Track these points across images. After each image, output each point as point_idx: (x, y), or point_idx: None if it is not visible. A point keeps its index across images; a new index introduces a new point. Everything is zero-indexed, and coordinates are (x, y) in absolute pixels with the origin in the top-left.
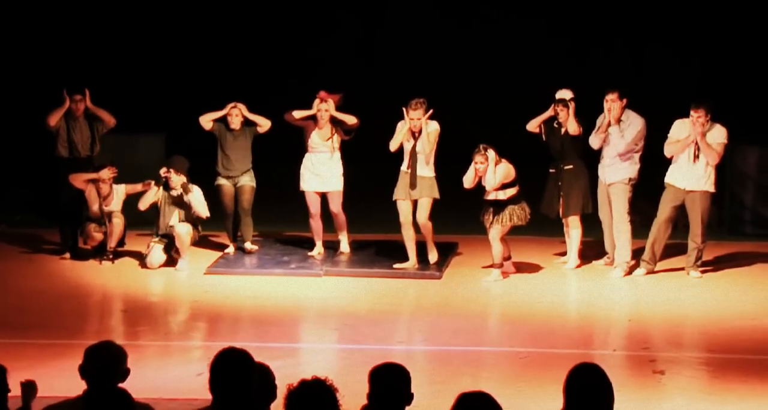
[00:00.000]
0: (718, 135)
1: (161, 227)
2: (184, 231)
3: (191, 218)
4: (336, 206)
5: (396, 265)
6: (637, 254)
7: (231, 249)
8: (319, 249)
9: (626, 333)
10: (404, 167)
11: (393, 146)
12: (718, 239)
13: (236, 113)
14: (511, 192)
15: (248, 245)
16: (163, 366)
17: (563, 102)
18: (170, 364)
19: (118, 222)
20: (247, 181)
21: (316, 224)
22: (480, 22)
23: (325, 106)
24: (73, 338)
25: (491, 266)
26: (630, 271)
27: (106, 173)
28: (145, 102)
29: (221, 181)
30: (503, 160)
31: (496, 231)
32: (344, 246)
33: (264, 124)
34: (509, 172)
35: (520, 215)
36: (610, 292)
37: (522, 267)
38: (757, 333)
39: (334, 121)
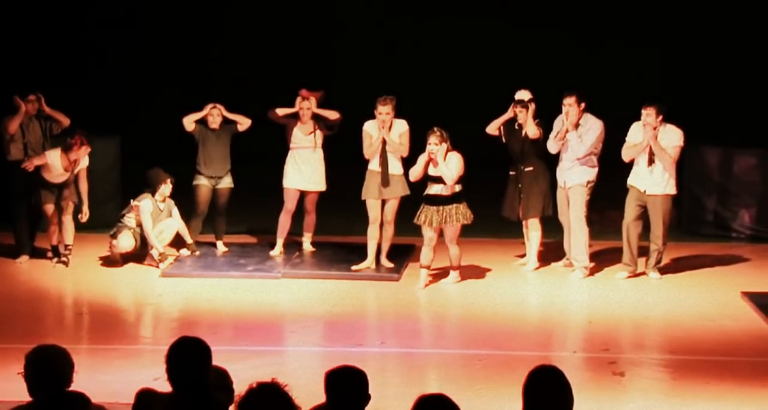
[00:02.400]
0: (675, 137)
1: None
2: (179, 227)
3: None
4: (312, 205)
5: (354, 267)
6: (596, 256)
7: (187, 251)
8: (279, 249)
9: (586, 335)
10: (374, 166)
11: (368, 154)
12: (677, 240)
13: (216, 113)
14: (458, 188)
15: (221, 245)
16: (120, 370)
17: (522, 103)
18: (127, 368)
19: (69, 219)
20: (228, 182)
21: (286, 221)
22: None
23: (307, 104)
24: (28, 342)
25: (451, 268)
26: (591, 273)
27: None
28: (100, 105)
29: (201, 180)
30: (455, 151)
31: (449, 233)
32: (307, 246)
33: (244, 122)
34: (462, 165)
35: (466, 214)
36: (569, 294)
37: (481, 269)
38: (716, 334)
39: (317, 117)
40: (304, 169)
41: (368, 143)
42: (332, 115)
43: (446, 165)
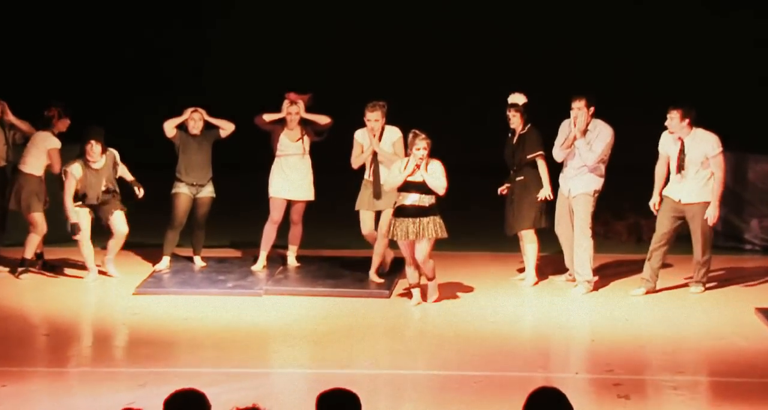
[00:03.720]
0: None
1: (90, 198)
2: (124, 232)
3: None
4: (298, 215)
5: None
6: (600, 270)
7: (165, 264)
8: (263, 263)
9: (589, 355)
10: (367, 175)
11: (355, 163)
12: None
13: (198, 117)
14: (434, 199)
15: (198, 260)
16: (90, 394)
17: (515, 106)
18: (98, 393)
19: (39, 220)
20: (209, 192)
21: (272, 232)
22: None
23: (295, 109)
24: None
25: (426, 279)
26: (595, 288)
27: None
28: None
29: (181, 188)
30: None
31: (425, 248)
32: (291, 260)
33: (227, 127)
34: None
35: (443, 226)
36: (571, 310)
37: (478, 285)
38: (728, 353)
39: (305, 122)
40: (292, 177)
41: (357, 153)
42: (322, 119)
43: (430, 174)
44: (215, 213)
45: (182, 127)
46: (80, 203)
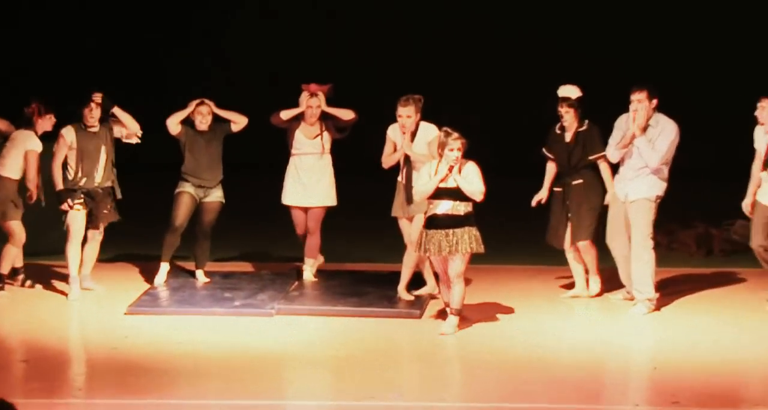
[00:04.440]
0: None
1: (87, 173)
2: (98, 239)
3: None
4: (315, 223)
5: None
6: (663, 286)
7: (163, 273)
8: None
9: (650, 384)
10: (400, 177)
11: (385, 163)
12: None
13: (205, 111)
14: (470, 207)
15: (201, 275)
16: None
17: (568, 101)
18: None
19: (17, 229)
20: (218, 196)
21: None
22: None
23: (315, 102)
24: None
25: (450, 311)
26: (657, 307)
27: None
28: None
29: (186, 187)
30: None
31: (459, 265)
32: (308, 275)
33: (240, 121)
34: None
35: (479, 239)
36: (629, 333)
37: (518, 304)
38: None
39: (325, 117)
40: (307, 180)
41: (388, 151)
42: (346, 114)
43: (465, 178)
44: (223, 221)
45: (188, 122)
46: (80, 201)
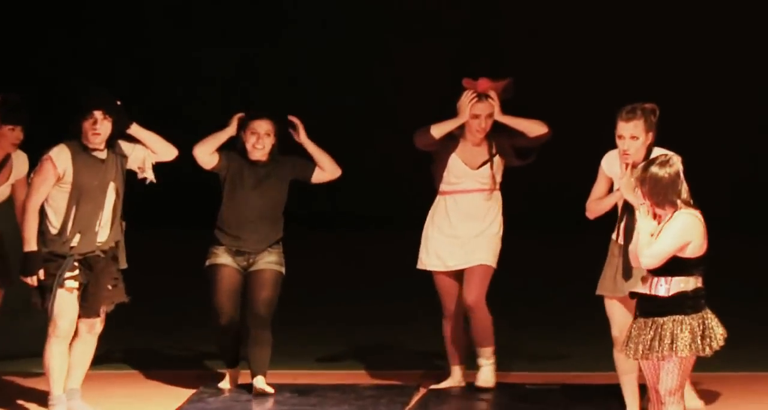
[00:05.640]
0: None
1: (72, 231)
2: (97, 332)
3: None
4: (476, 295)
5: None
6: None
7: (226, 383)
8: (457, 378)
9: None
10: (615, 235)
11: (592, 213)
12: None
13: (264, 130)
14: (685, 283)
15: (260, 382)
16: None
17: None
18: None
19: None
20: (272, 262)
21: (457, 330)
22: None
23: (486, 107)
24: None
25: None
26: None
27: None
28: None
29: (222, 258)
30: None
31: (672, 378)
32: (486, 377)
33: (329, 169)
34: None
35: (720, 334)
36: None
37: None
38: None
39: (497, 130)
40: (463, 232)
41: (598, 192)
42: (535, 128)
43: (666, 229)
44: (288, 301)
45: (229, 145)
46: (72, 275)
